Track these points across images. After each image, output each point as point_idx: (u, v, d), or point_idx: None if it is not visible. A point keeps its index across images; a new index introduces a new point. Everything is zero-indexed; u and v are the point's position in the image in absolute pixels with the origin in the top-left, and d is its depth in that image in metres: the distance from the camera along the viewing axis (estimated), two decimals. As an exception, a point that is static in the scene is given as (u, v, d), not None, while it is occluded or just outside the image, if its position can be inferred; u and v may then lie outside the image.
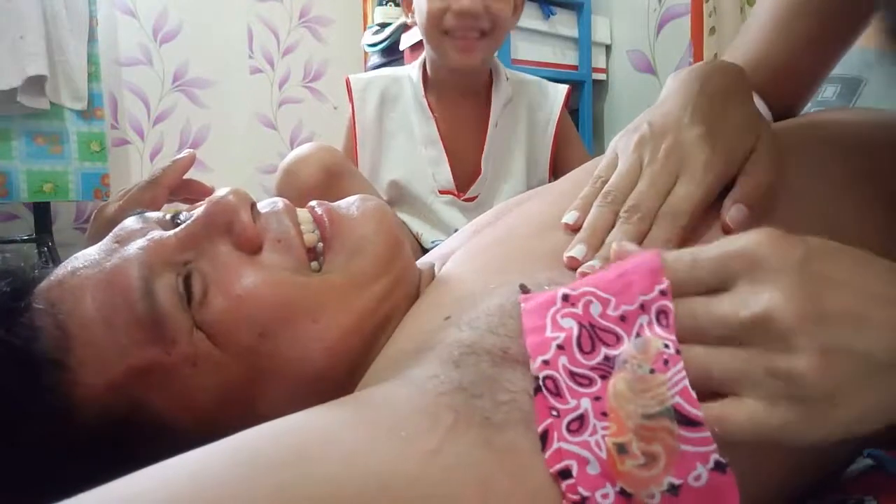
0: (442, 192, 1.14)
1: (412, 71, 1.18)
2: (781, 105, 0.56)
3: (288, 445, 0.26)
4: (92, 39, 1.85)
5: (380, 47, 1.94)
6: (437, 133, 1.14)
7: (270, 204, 0.42)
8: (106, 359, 0.34)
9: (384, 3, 1.93)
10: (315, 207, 0.42)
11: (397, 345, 0.37)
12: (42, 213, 1.90)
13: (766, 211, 0.41)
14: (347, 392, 0.34)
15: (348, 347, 0.38)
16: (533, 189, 0.66)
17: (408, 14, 1.17)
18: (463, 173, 1.15)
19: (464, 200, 1.15)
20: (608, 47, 1.95)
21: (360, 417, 0.28)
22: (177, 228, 0.38)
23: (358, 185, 1.01)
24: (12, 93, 1.68)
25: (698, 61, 1.47)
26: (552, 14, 1.77)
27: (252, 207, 0.40)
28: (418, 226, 1.16)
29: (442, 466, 0.26)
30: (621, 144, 0.45)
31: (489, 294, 0.36)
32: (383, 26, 1.90)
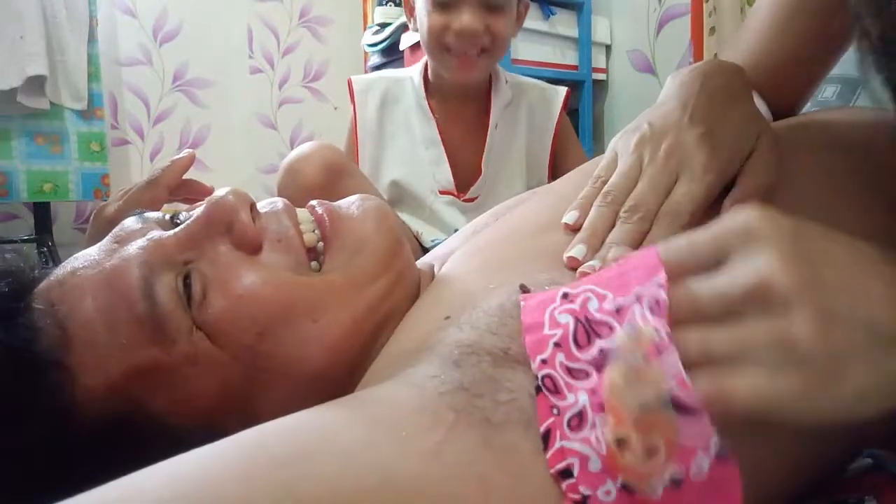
0: (442, 193, 1.15)
1: (414, 73, 1.18)
2: (781, 104, 0.56)
3: (288, 444, 0.26)
4: (92, 39, 1.85)
5: (380, 47, 1.94)
6: (438, 134, 1.14)
7: (270, 204, 0.42)
8: (106, 359, 0.34)
9: (384, 3, 1.93)
10: (315, 207, 0.42)
11: (397, 344, 0.37)
12: (42, 213, 1.90)
13: None
14: (347, 391, 0.34)
15: (348, 347, 0.38)
16: (532, 190, 0.66)
17: (409, 20, 1.17)
18: (463, 175, 1.15)
19: (464, 201, 1.15)
20: (608, 47, 1.95)
21: (361, 417, 0.28)
22: (176, 228, 0.38)
23: (359, 184, 1.01)
24: (12, 93, 1.68)
25: (698, 61, 1.47)
26: (552, 14, 1.77)
27: (252, 207, 0.40)
28: (418, 225, 1.16)
29: (442, 466, 0.26)
30: (621, 144, 0.45)
31: (489, 294, 0.36)
32: (383, 26, 1.89)
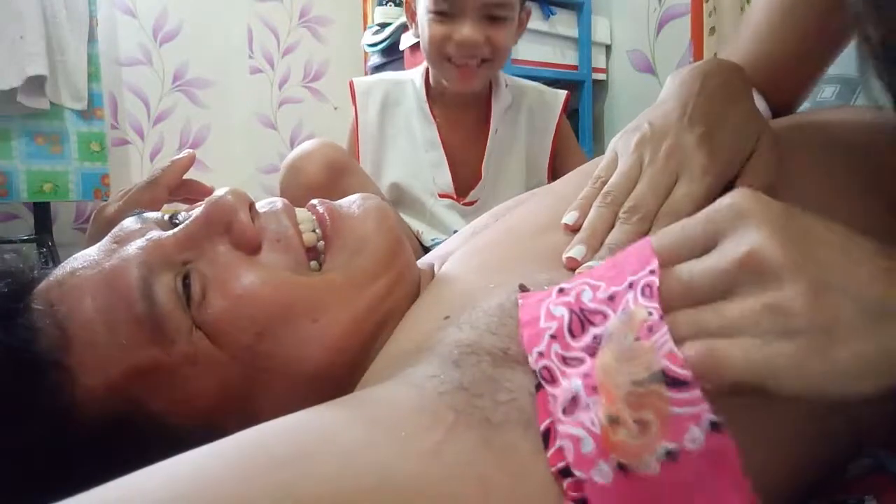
0: (441, 196, 1.15)
1: (415, 76, 1.18)
2: (779, 101, 0.56)
3: (288, 444, 0.26)
4: (92, 39, 1.85)
5: (380, 47, 1.94)
6: (439, 137, 1.14)
7: (269, 204, 0.42)
8: (106, 359, 0.34)
9: (384, 3, 1.93)
10: (316, 206, 0.42)
11: (397, 344, 0.37)
12: (42, 213, 1.90)
13: None
14: (347, 391, 0.34)
15: (348, 347, 0.38)
16: (532, 191, 0.66)
17: (411, 25, 1.17)
18: (463, 178, 1.15)
19: (463, 205, 1.15)
20: (608, 47, 1.95)
21: (360, 416, 0.28)
22: (175, 229, 0.38)
23: (361, 182, 1.01)
24: (12, 93, 1.68)
25: (698, 61, 1.46)
26: (552, 14, 1.77)
27: (251, 207, 0.40)
28: (419, 226, 1.16)
29: (442, 466, 0.26)
30: (621, 144, 0.45)
31: (489, 294, 0.36)
32: (383, 26, 1.89)
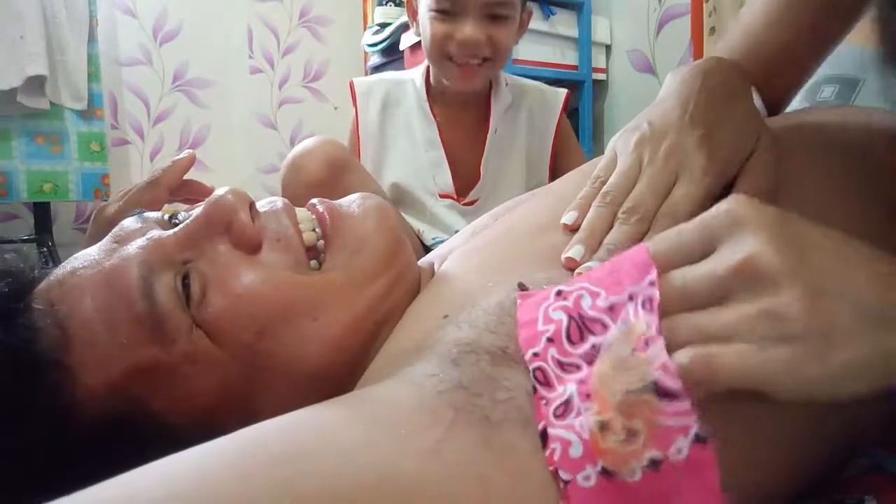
0: (442, 196, 1.15)
1: (416, 75, 1.18)
2: (768, 98, 0.56)
3: (287, 442, 0.26)
4: (92, 39, 1.85)
5: (380, 47, 1.94)
6: (439, 137, 1.14)
7: (269, 203, 0.42)
8: (106, 358, 0.34)
9: (384, 3, 1.93)
10: (316, 205, 0.42)
11: (396, 343, 0.37)
12: (42, 213, 1.90)
13: None
14: (347, 390, 0.34)
15: (348, 345, 0.38)
16: (532, 191, 0.66)
17: (412, 23, 1.17)
18: (463, 178, 1.15)
19: (464, 205, 1.15)
20: (608, 47, 1.95)
21: (360, 415, 0.28)
22: (175, 228, 0.38)
23: (362, 180, 1.01)
24: (12, 93, 1.68)
25: (698, 61, 1.46)
26: (552, 14, 1.77)
27: (251, 207, 0.40)
28: (420, 224, 1.16)
29: (441, 465, 0.26)
30: (620, 144, 0.45)
31: (488, 293, 0.36)
32: (383, 26, 1.89)
